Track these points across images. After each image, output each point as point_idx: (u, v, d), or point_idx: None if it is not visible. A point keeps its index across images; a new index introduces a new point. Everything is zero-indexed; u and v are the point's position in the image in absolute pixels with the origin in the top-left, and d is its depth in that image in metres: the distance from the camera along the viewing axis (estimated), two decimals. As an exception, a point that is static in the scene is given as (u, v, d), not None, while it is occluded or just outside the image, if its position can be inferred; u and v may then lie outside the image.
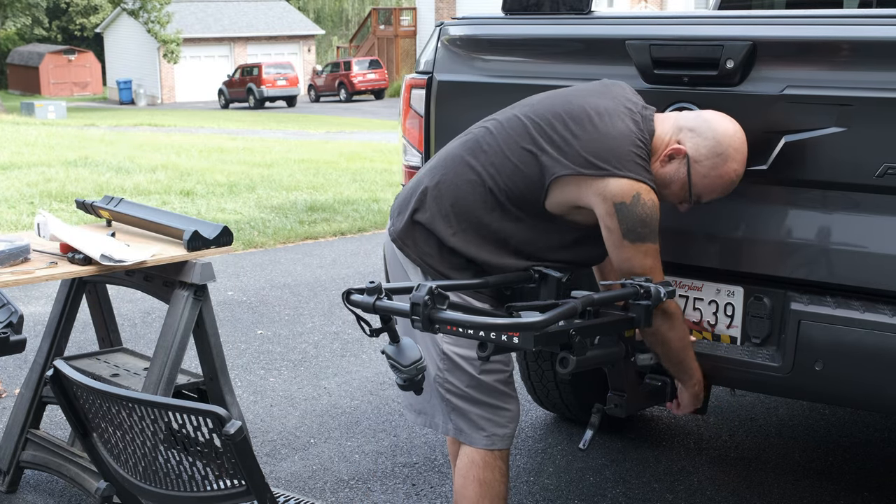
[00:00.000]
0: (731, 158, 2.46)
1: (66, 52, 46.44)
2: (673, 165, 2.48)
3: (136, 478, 2.00)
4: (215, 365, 3.38)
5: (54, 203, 9.46)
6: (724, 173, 2.47)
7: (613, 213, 2.42)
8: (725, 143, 2.46)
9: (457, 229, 2.53)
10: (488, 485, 2.63)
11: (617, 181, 2.40)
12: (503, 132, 2.54)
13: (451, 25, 3.20)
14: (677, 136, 2.48)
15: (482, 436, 2.63)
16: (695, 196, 2.51)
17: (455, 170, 2.57)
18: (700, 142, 2.46)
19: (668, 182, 2.49)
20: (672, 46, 2.71)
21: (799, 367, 2.54)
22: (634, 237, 2.42)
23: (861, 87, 2.45)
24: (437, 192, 2.56)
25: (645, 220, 2.41)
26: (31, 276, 2.98)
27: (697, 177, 2.47)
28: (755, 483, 3.66)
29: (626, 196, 2.40)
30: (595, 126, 2.45)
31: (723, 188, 2.51)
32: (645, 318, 2.44)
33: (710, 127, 2.47)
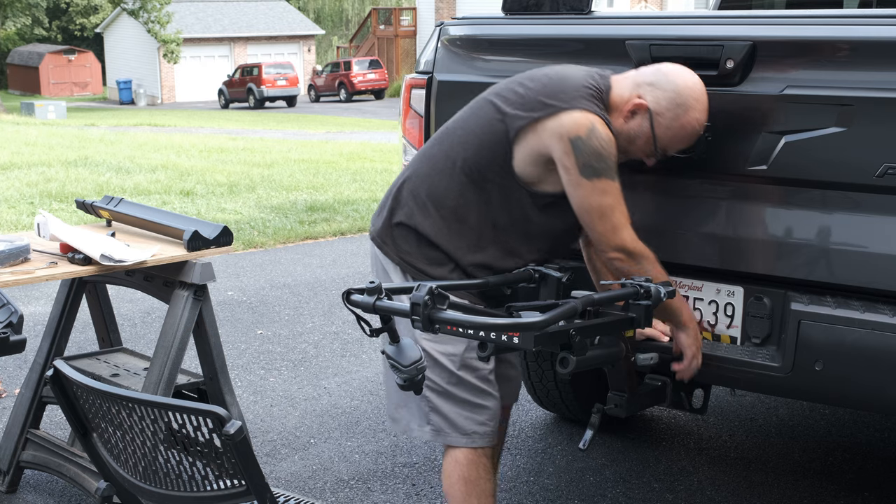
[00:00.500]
0: (691, 108, 2.49)
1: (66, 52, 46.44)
2: (636, 120, 2.51)
3: (136, 478, 2.00)
4: (215, 365, 3.38)
5: (54, 203, 9.46)
6: (686, 123, 2.50)
7: (570, 150, 2.44)
8: (685, 93, 2.49)
9: (436, 217, 2.56)
10: (473, 482, 2.64)
11: (569, 114, 2.44)
12: (470, 114, 2.61)
13: (451, 25, 3.20)
14: (637, 91, 2.52)
15: (461, 434, 2.64)
16: (660, 148, 2.53)
17: (427, 162, 2.63)
18: (660, 94, 2.49)
19: (633, 137, 2.53)
20: (672, 46, 2.71)
21: (799, 368, 2.54)
22: (591, 172, 2.43)
23: (861, 87, 2.45)
24: (411, 186, 2.62)
25: (601, 153, 2.43)
26: (31, 276, 2.98)
27: (660, 129, 2.50)
28: (755, 483, 3.66)
29: (580, 129, 2.43)
30: (549, 77, 2.54)
31: (686, 138, 2.53)
32: (645, 317, 2.44)
33: (668, 79, 2.50)
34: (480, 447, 2.65)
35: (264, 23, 44.68)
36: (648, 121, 2.50)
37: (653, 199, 2.84)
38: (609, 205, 2.47)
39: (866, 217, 2.48)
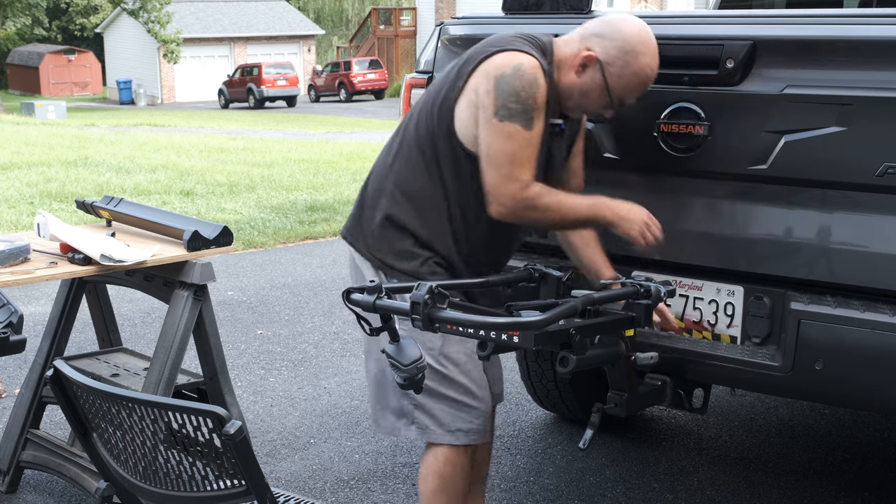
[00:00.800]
0: (641, 53, 2.47)
1: (66, 52, 46.45)
2: (588, 73, 2.49)
3: (136, 478, 2.00)
4: (215, 365, 3.38)
5: (54, 203, 9.46)
6: (638, 69, 2.47)
7: (492, 88, 2.42)
8: (633, 39, 2.47)
9: (403, 204, 2.56)
10: (446, 479, 2.64)
11: (501, 54, 2.44)
12: (425, 97, 2.62)
13: (451, 25, 3.20)
14: (585, 44, 2.50)
15: (444, 431, 2.63)
16: (616, 98, 2.51)
17: (387, 152, 2.66)
18: (608, 44, 2.47)
19: (587, 90, 2.50)
20: (672, 46, 2.71)
21: (799, 367, 2.54)
22: (504, 113, 2.40)
23: (861, 86, 2.45)
24: (376, 179, 2.64)
25: (519, 94, 2.39)
26: (31, 276, 2.98)
27: (613, 78, 2.48)
28: (755, 483, 3.66)
29: (506, 66, 2.42)
30: (487, 39, 2.54)
31: (640, 85, 2.51)
32: (645, 317, 2.44)
33: (614, 28, 2.48)
34: (463, 445, 2.64)
35: (264, 23, 44.68)
36: (600, 72, 2.47)
37: (653, 199, 2.84)
38: (509, 151, 2.42)
39: (866, 216, 2.48)
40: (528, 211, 2.48)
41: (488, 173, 2.45)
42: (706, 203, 2.74)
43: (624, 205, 2.59)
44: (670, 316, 2.73)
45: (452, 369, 2.60)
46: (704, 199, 2.74)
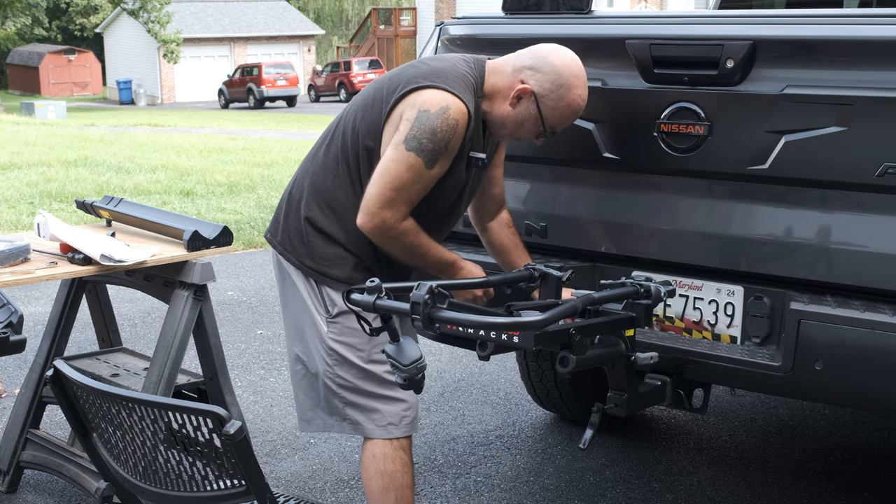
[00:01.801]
0: (573, 86, 2.53)
1: (66, 52, 46.43)
2: (523, 104, 2.55)
3: (136, 478, 2.00)
4: (215, 365, 3.38)
5: (54, 203, 9.46)
6: (570, 101, 2.54)
7: (413, 119, 2.46)
8: (565, 73, 2.52)
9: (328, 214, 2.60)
10: (390, 476, 2.67)
11: (432, 91, 2.48)
12: (354, 107, 2.64)
13: (451, 25, 3.20)
14: (519, 76, 2.55)
15: (377, 426, 2.67)
16: (549, 128, 2.58)
17: (312, 161, 2.69)
18: (542, 77, 2.53)
19: (521, 121, 2.57)
20: (672, 46, 2.71)
21: (799, 367, 2.54)
22: (414, 145, 2.45)
23: (861, 86, 2.45)
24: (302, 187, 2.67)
25: (435, 133, 2.44)
26: (31, 276, 2.98)
27: (547, 110, 2.54)
28: (755, 483, 3.66)
29: (433, 105, 2.46)
30: (425, 63, 2.58)
31: (572, 115, 2.58)
32: (645, 317, 2.44)
33: (547, 62, 2.53)
34: (397, 438, 2.68)
35: (264, 23, 44.66)
36: (535, 104, 2.54)
37: (653, 199, 2.84)
38: (401, 179, 2.47)
39: (866, 216, 2.48)
40: (388, 239, 2.54)
41: (373, 187, 2.50)
42: (706, 203, 2.74)
43: (475, 272, 2.67)
44: None
45: (378, 367, 2.65)
46: (704, 198, 2.74)
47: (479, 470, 3.77)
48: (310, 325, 2.68)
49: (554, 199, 3.04)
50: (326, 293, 2.64)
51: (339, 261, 2.61)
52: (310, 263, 2.64)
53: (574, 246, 2.95)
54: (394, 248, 2.57)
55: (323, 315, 2.65)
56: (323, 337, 2.65)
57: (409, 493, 2.70)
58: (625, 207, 2.87)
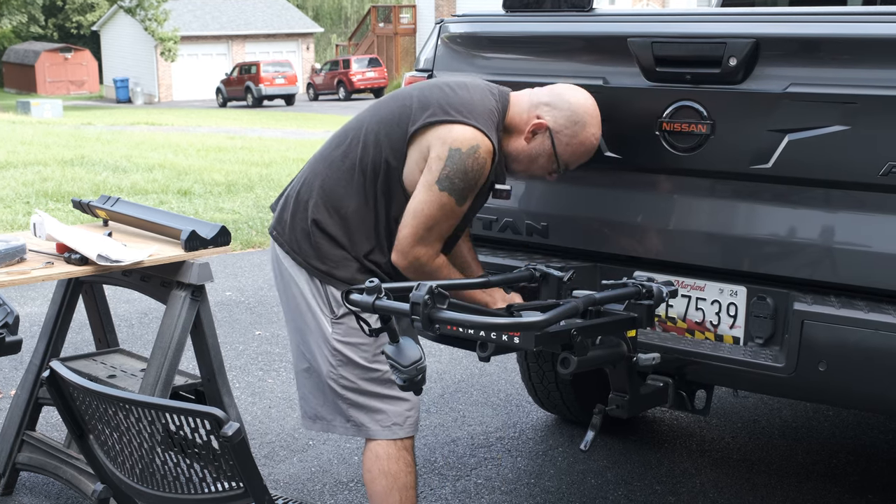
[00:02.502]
0: (588, 124, 2.61)
1: (62, 50, 46.41)
2: (538, 140, 2.61)
3: (133, 480, 2.00)
4: (213, 366, 3.38)
5: (50, 202, 9.46)
6: (584, 139, 2.62)
7: (444, 157, 2.51)
8: (580, 111, 2.61)
9: (336, 218, 2.62)
10: (394, 476, 2.69)
11: (463, 128, 2.52)
12: (376, 118, 2.66)
13: (451, 23, 3.20)
14: (535, 112, 2.61)
15: (381, 427, 2.69)
16: (562, 164, 2.65)
17: (324, 163, 2.70)
18: (557, 114, 2.60)
19: (535, 156, 2.63)
20: (674, 44, 2.71)
21: (802, 368, 2.54)
22: (447, 185, 2.51)
23: (865, 84, 2.45)
24: (310, 188, 2.68)
25: (466, 174, 2.50)
26: (28, 276, 2.98)
27: (561, 146, 2.61)
28: (758, 485, 3.66)
29: (464, 143, 2.50)
30: (455, 91, 2.60)
31: (585, 153, 2.66)
32: (647, 317, 2.44)
33: (563, 99, 2.62)
34: (401, 439, 2.70)
35: (262, 20, 44.67)
36: (549, 139, 2.61)
37: (655, 199, 2.84)
38: (435, 218, 2.55)
39: (870, 216, 2.48)
40: (422, 275, 2.58)
41: (408, 226, 2.56)
42: (709, 202, 2.74)
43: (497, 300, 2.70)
44: None
45: (383, 367, 2.66)
46: (707, 198, 2.74)
47: (479, 472, 3.77)
48: (314, 326, 2.68)
49: (555, 199, 3.04)
50: (332, 294, 2.65)
51: (344, 262, 2.63)
52: (317, 264, 2.65)
53: (575, 246, 2.95)
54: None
55: (328, 316, 2.65)
56: (327, 338, 2.66)
57: (413, 493, 2.72)
58: (626, 207, 2.87)
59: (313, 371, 2.73)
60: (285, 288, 2.75)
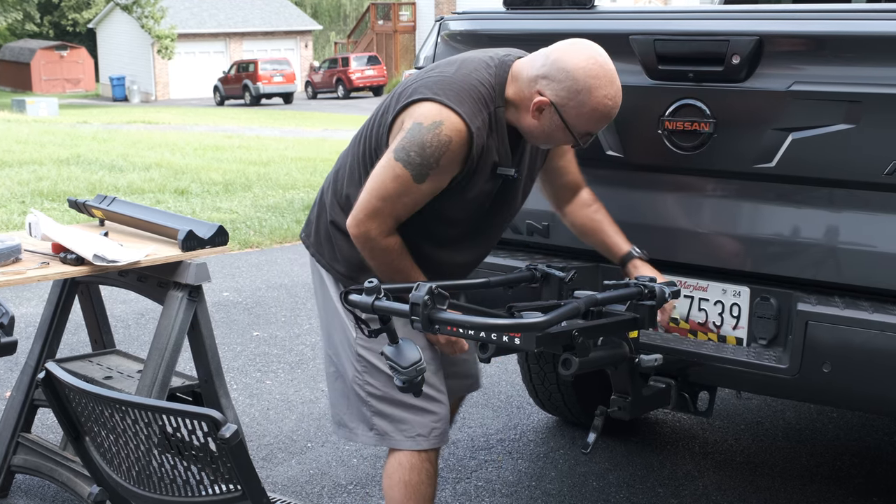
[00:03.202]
0: (594, 87, 2.37)
1: (57, 48, 46.40)
2: (545, 116, 2.42)
3: (130, 482, 2.00)
4: (210, 367, 3.38)
5: (46, 202, 9.46)
6: (596, 104, 2.39)
7: (406, 130, 2.40)
8: (581, 76, 2.37)
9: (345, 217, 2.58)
10: (414, 487, 2.65)
11: (430, 104, 2.39)
12: (374, 112, 2.63)
13: (451, 20, 3.20)
14: (535, 87, 2.41)
15: (405, 437, 2.64)
16: (579, 135, 2.45)
17: (341, 161, 2.68)
18: (557, 86, 2.39)
19: (550, 131, 2.45)
20: (677, 42, 2.71)
21: (806, 369, 2.54)
22: (402, 156, 2.39)
23: (870, 83, 2.45)
24: (329, 186, 2.68)
25: (424, 148, 2.36)
26: (23, 276, 2.98)
27: (572, 118, 2.41)
28: (762, 488, 3.66)
29: (427, 118, 2.38)
30: (439, 68, 2.50)
31: (603, 117, 2.43)
32: (649, 318, 2.44)
33: (559, 67, 2.38)
34: (425, 450, 2.66)
35: (260, 18, 44.66)
36: (556, 114, 2.41)
37: (657, 198, 2.84)
38: (387, 189, 2.42)
39: (875, 216, 2.48)
40: (368, 251, 2.51)
41: (363, 193, 2.47)
42: (711, 202, 2.75)
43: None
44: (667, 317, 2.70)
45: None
46: (710, 197, 2.74)
47: (479, 475, 3.77)
48: (339, 330, 2.68)
49: (556, 198, 3.03)
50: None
51: (365, 265, 2.57)
52: (340, 268, 2.64)
53: (577, 246, 2.95)
54: (373, 262, 2.52)
55: (352, 320, 2.58)
56: (351, 343, 2.64)
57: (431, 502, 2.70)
58: (628, 206, 2.87)
59: (339, 376, 2.71)
60: (316, 290, 2.77)
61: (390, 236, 2.48)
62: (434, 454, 2.69)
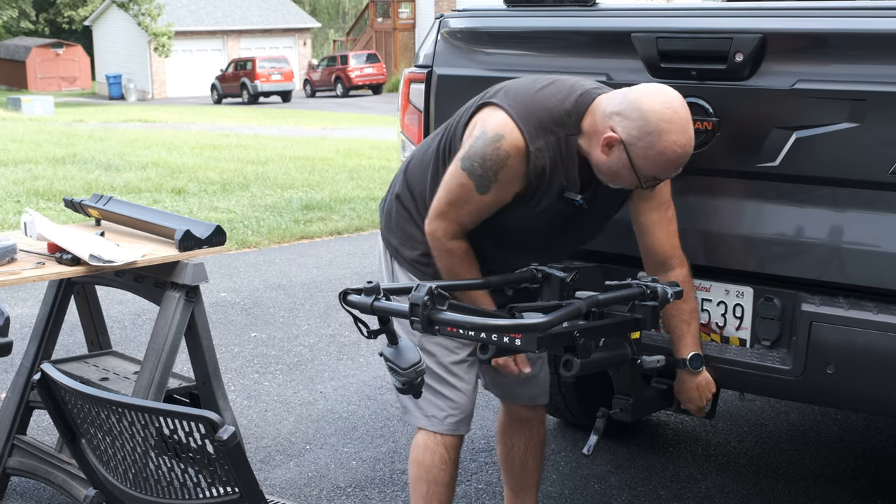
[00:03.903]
0: (665, 132, 2.37)
1: (53, 46, 46.42)
2: (614, 153, 2.43)
3: (126, 485, 2.00)
4: (208, 368, 3.38)
5: (41, 201, 9.46)
6: (664, 149, 2.38)
7: (473, 136, 2.49)
8: (653, 118, 2.37)
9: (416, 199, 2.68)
10: (426, 468, 2.74)
11: (500, 113, 2.46)
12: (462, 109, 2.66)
13: (451, 18, 3.20)
14: (608, 122, 2.43)
15: (421, 414, 2.75)
16: (645, 178, 2.44)
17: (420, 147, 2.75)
18: (629, 124, 2.39)
19: (616, 169, 2.45)
20: (679, 39, 2.71)
21: (810, 371, 2.54)
22: (467, 165, 2.47)
23: (874, 81, 2.45)
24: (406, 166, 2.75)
25: (485, 160, 2.44)
26: (18, 276, 2.98)
27: (638, 159, 2.40)
28: (765, 490, 3.66)
29: (492, 129, 2.45)
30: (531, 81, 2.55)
31: (670, 163, 2.42)
32: (651, 319, 2.44)
33: (634, 107, 2.40)
34: (440, 434, 2.74)
35: (258, 15, 44.68)
36: (624, 152, 2.41)
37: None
38: (453, 194, 2.51)
39: (880, 215, 2.48)
40: (435, 250, 2.60)
41: (438, 192, 2.57)
42: (714, 201, 2.74)
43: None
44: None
45: (431, 361, 2.69)
46: (712, 197, 2.74)
47: (480, 477, 3.77)
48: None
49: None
50: (396, 272, 2.74)
51: (413, 241, 2.68)
52: (390, 238, 2.76)
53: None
54: (438, 262, 2.62)
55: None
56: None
57: (445, 490, 2.76)
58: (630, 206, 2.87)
59: None
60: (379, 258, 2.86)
61: (455, 240, 2.56)
62: (451, 441, 2.76)
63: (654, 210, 2.60)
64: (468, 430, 2.82)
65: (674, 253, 2.62)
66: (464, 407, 2.75)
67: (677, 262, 2.63)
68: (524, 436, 3.01)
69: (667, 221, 2.61)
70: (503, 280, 2.59)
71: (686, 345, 2.67)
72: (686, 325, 2.66)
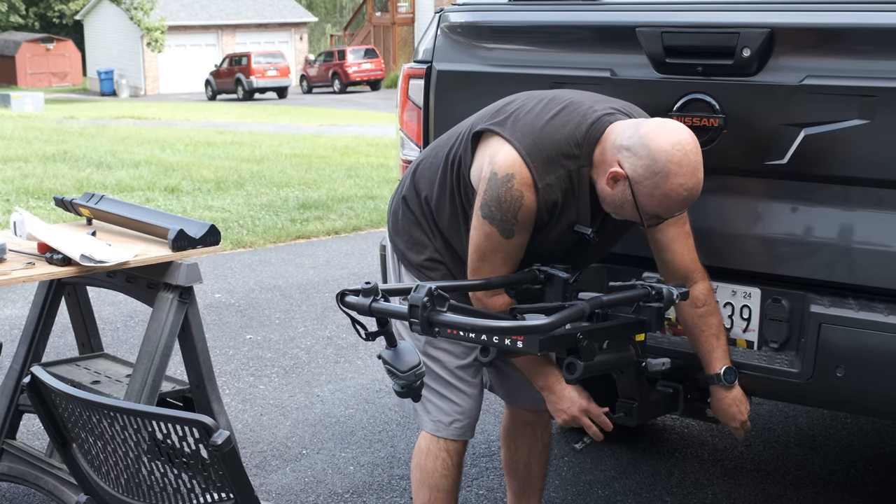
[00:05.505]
0: (672, 174, 2.34)
1: (43, 41, 46.44)
2: (619, 188, 2.41)
3: (119, 491, 2.00)
4: (202, 371, 3.38)
5: (31, 200, 9.46)
6: (669, 191, 2.36)
7: (486, 179, 2.48)
8: (661, 159, 2.34)
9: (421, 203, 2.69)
10: (428, 473, 2.76)
11: (509, 150, 2.45)
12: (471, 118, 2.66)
13: (451, 12, 3.20)
14: (616, 155, 2.41)
15: (428, 419, 2.77)
16: (649, 215, 2.43)
17: (431, 148, 2.74)
18: (636, 161, 2.37)
19: (620, 203, 2.44)
20: (685, 34, 2.71)
21: (819, 374, 2.55)
22: (486, 213, 2.47)
23: (885, 76, 2.45)
24: (414, 168, 2.75)
25: (501, 203, 2.43)
26: (7, 277, 2.98)
27: (643, 197, 2.39)
28: (773, 496, 3.66)
29: (501, 169, 2.44)
30: (542, 105, 2.52)
31: (673, 205, 2.40)
32: (656, 321, 2.44)
33: (644, 144, 2.36)
34: (443, 439, 2.75)
35: (254, 9, 44.70)
36: (629, 189, 2.39)
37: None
38: (482, 248, 2.51)
39: (890, 214, 2.48)
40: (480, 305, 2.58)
41: (468, 258, 2.57)
42: (721, 200, 2.74)
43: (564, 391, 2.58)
44: None
45: (436, 366, 2.71)
46: (719, 195, 2.74)
47: (481, 482, 3.77)
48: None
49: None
50: (403, 275, 2.75)
51: (419, 246, 2.69)
52: (397, 241, 2.76)
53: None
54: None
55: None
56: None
57: (447, 497, 2.78)
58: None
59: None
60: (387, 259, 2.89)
61: (495, 297, 2.55)
62: (455, 446, 2.77)
63: (672, 225, 2.57)
64: (472, 436, 2.83)
65: (695, 267, 2.62)
66: (470, 412, 2.76)
67: (699, 276, 2.63)
68: (528, 440, 3.01)
69: (685, 235, 2.60)
70: (504, 280, 2.59)
71: (717, 359, 2.65)
72: (715, 338, 2.64)
